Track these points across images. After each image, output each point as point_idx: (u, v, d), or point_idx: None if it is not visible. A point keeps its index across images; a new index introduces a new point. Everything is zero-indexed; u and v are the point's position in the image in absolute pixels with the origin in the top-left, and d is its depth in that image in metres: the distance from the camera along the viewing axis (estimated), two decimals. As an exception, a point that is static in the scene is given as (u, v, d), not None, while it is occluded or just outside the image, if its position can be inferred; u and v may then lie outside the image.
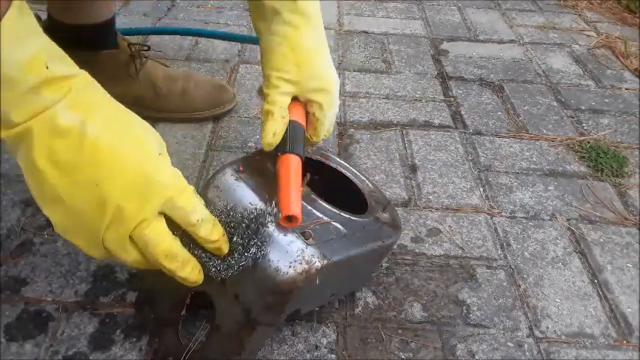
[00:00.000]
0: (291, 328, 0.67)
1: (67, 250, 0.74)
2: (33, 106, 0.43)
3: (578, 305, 0.74)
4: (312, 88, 0.62)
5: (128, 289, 0.70)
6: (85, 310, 0.67)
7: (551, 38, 1.49)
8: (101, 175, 0.45)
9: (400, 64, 1.29)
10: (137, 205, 0.46)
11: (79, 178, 0.45)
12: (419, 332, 0.68)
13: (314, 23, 0.64)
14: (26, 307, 0.66)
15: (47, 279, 0.70)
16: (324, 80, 0.63)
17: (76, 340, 0.63)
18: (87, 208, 0.45)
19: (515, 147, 1.04)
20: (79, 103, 0.45)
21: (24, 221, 0.78)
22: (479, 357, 0.66)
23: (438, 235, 0.82)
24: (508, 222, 0.86)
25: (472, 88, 1.22)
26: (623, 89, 1.27)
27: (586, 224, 0.87)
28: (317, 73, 0.63)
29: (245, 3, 1.53)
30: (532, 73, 1.30)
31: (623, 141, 1.08)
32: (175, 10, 1.47)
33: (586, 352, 0.67)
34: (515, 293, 0.74)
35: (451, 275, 0.76)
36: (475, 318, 0.70)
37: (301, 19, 0.62)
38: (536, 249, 0.82)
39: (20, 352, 0.61)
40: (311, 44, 0.63)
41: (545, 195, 0.92)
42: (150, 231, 0.47)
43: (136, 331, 0.65)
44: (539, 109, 1.16)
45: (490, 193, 0.92)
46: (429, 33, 1.47)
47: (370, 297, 0.72)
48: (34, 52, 0.43)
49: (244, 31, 1.39)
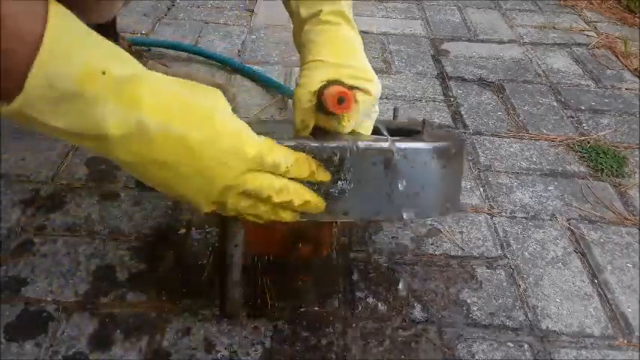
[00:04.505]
0: (291, 327, 0.67)
1: (67, 250, 0.74)
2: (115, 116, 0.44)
3: (578, 305, 0.74)
4: (351, 74, 0.59)
5: (128, 289, 0.70)
6: (85, 310, 0.67)
7: (551, 38, 1.49)
8: (199, 166, 0.48)
9: (400, 64, 1.29)
10: (233, 175, 0.50)
11: (181, 171, 0.48)
12: (419, 332, 0.68)
13: (352, 25, 0.64)
14: (26, 307, 0.66)
15: (47, 279, 0.70)
16: (366, 71, 0.61)
17: (76, 340, 0.63)
18: (193, 188, 0.50)
19: (515, 147, 1.04)
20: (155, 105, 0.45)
21: (24, 221, 0.78)
22: (479, 357, 0.66)
23: (438, 235, 0.82)
24: (508, 222, 0.86)
25: (472, 88, 1.22)
26: (623, 89, 1.27)
27: (586, 224, 0.87)
28: (357, 63, 0.61)
29: (245, 3, 1.53)
30: (532, 73, 1.30)
31: (623, 141, 1.08)
32: (175, 10, 1.47)
33: (586, 352, 0.67)
34: (515, 293, 0.74)
35: (451, 275, 0.76)
36: (475, 318, 0.70)
37: (341, 18, 0.63)
38: (536, 249, 0.82)
39: (20, 352, 0.61)
40: (350, 39, 0.63)
41: (545, 195, 0.92)
42: (253, 183, 0.51)
43: (136, 331, 0.65)
44: (539, 109, 1.16)
45: (490, 193, 0.92)
46: (429, 33, 1.47)
47: (370, 297, 0.72)
48: (86, 63, 0.42)
49: (244, 31, 1.39)
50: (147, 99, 0.45)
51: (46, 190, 0.84)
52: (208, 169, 0.48)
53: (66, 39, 0.42)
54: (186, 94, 0.48)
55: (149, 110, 0.45)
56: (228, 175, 0.49)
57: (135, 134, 0.45)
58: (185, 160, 0.47)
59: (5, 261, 0.72)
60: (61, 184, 0.85)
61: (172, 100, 0.47)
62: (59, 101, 0.42)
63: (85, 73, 0.42)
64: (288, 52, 1.29)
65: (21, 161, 0.88)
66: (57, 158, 0.90)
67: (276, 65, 1.24)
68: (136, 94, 0.44)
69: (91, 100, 0.42)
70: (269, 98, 1.12)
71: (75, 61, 0.42)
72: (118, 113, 0.44)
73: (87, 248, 0.75)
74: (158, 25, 1.38)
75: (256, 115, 1.05)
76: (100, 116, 0.43)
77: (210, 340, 0.64)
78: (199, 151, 0.47)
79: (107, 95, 0.43)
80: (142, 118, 0.44)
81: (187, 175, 0.48)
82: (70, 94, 0.42)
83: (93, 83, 0.42)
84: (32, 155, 0.89)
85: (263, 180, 0.51)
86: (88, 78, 0.42)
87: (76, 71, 0.42)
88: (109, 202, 0.83)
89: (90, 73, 0.42)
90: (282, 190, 0.52)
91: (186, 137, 0.46)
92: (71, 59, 0.42)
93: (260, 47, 1.32)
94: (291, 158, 0.52)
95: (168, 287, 0.70)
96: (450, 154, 0.60)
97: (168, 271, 0.72)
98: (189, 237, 0.77)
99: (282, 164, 0.51)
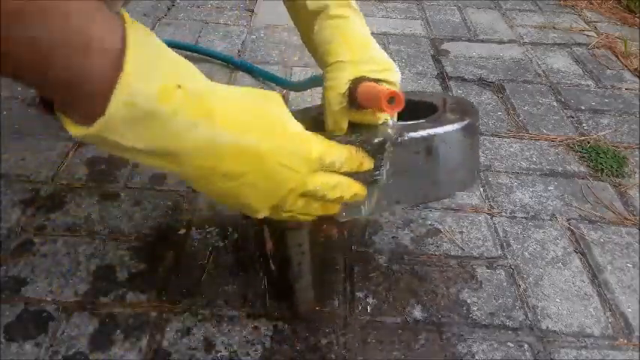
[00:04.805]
0: (291, 327, 0.67)
1: (67, 250, 0.74)
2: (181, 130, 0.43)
3: (578, 305, 0.74)
4: (374, 69, 0.61)
5: (128, 289, 0.70)
6: (85, 310, 0.67)
7: (551, 38, 1.49)
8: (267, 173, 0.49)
9: (400, 64, 1.29)
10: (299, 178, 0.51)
11: (246, 180, 0.48)
12: (419, 332, 0.68)
13: (359, 14, 0.65)
14: (26, 307, 0.66)
15: (47, 279, 0.70)
16: (385, 61, 0.62)
17: (76, 340, 0.63)
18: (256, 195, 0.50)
19: (515, 147, 1.04)
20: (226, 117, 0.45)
21: (24, 221, 0.78)
22: (479, 357, 0.66)
23: (437, 235, 0.82)
24: (508, 222, 0.86)
25: (472, 88, 1.22)
26: (623, 89, 1.27)
27: (586, 224, 0.87)
28: (374, 56, 0.62)
29: (245, 3, 1.53)
30: (532, 73, 1.30)
31: (623, 141, 1.08)
32: (175, 10, 1.47)
33: (586, 352, 0.67)
34: (515, 293, 0.74)
35: (451, 275, 0.76)
36: (475, 318, 0.70)
37: (349, 11, 0.64)
38: (536, 249, 0.82)
39: (20, 352, 0.61)
40: (363, 32, 0.64)
41: (545, 195, 0.92)
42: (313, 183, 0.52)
43: (136, 331, 0.65)
44: (539, 109, 1.16)
45: (490, 193, 0.92)
46: (429, 33, 1.47)
47: (370, 297, 0.72)
48: (162, 81, 0.41)
49: (244, 31, 1.39)
50: (219, 111, 0.45)
51: (46, 190, 0.84)
52: (276, 174, 0.49)
53: (145, 55, 0.41)
54: (253, 104, 0.48)
55: (221, 123, 0.45)
56: (295, 178, 0.50)
57: (207, 147, 0.45)
58: (253, 168, 0.48)
59: (5, 261, 0.72)
60: (61, 184, 0.85)
61: (242, 111, 0.47)
62: (139, 121, 0.41)
63: (163, 90, 0.41)
64: (288, 52, 1.30)
65: (21, 161, 0.88)
66: (57, 158, 0.90)
67: (276, 65, 1.24)
68: (209, 107, 0.44)
69: (168, 116, 0.41)
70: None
71: (154, 79, 0.41)
72: (192, 127, 0.43)
73: (87, 248, 0.75)
74: (158, 25, 1.38)
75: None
76: (176, 130, 0.42)
77: (210, 340, 0.64)
78: (269, 159, 0.48)
79: (183, 110, 0.42)
80: (215, 131, 0.44)
81: (253, 183, 0.49)
82: (149, 113, 0.41)
83: (170, 99, 0.41)
84: (32, 155, 0.89)
85: (322, 179, 0.53)
86: (165, 95, 0.41)
87: (155, 89, 0.40)
88: (109, 202, 0.83)
89: (167, 89, 0.41)
90: (336, 187, 0.54)
91: (258, 147, 0.47)
92: (150, 76, 0.40)
93: (260, 47, 1.32)
94: (345, 154, 0.54)
95: (169, 287, 0.70)
96: (475, 127, 0.64)
97: (168, 271, 0.73)
98: (189, 237, 0.77)
99: (337, 162, 0.54)
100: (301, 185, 0.51)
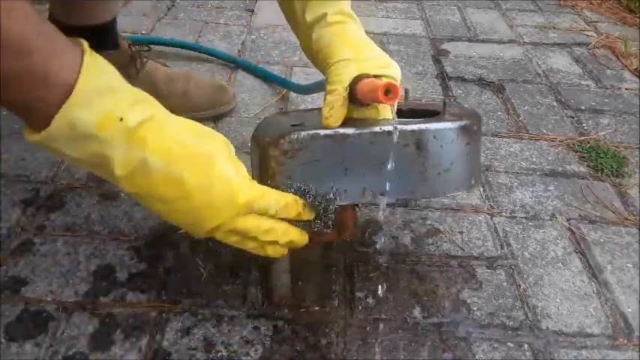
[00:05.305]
0: (291, 327, 0.67)
1: (67, 250, 0.74)
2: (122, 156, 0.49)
3: (578, 305, 0.74)
4: (374, 65, 0.62)
5: (128, 289, 0.70)
6: (85, 310, 0.67)
7: (551, 38, 1.49)
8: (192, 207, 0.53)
9: (400, 64, 1.28)
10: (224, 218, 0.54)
11: (176, 207, 0.53)
12: (419, 332, 0.68)
13: (356, 20, 0.67)
14: (26, 307, 0.66)
15: (47, 279, 0.70)
16: (384, 58, 0.64)
17: (76, 340, 0.63)
18: (187, 222, 0.55)
19: (515, 147, 1.04)
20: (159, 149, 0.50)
21: (24, 221, 0.78)
22: (479, 357, 0.66)
23: (437, 235, 0.82)
24: (508, 222, 0.86)
25: (472, 88, 1.22)
26: (623, 89, 1.27)
27: (586, 224, 0.87)
28: (374, 54, 0.64)
29: (245, 3, 1.53)
30: (532, 73, 1.30)
31: (623, 141, 1.08)
32: (175, 10, 1.47)
33: (586, 352, 0.67)
34: (515, 293, 0.74)
35: (451, 275, 0.76)
36: (475, 318, 0.70)
37: (346, 17, 0.66)
38: (536, 249, 0.82)
39: (20, 352, 0.61)
40: (360, 34, 0.66)
41: (545, 195, 0.92)
42: (243, 224, 0.55)
43: (136, 331, 0.65)
44: (539, 109, 1.16)
45: (490, 192, 0.92)
46: (429, 33, 1.47)
47: (370, 297, 0.72)
48: (106, 110, 0.47)
49: (244, 31, 1.39)
50: (152, 141, 0.49)
51: (46, 190, 0.84)
52: (200, 211, 0.53)
53: (93, 88, 0.47)
54: (189, 139, 0.52)
55: (152, 151, 0.49)
56: (218, 217, 0.54)
57: (139, 170, 0.50)
58: (181, 199, 0.52)
59: (5, 261, 0.72)
60: (61, 184, 0.85)
61: (175, 143, 0.51)
62: (78, 139, 0.48)
63: (104, 119, 0.47)
64: (288, 52, 1.30)
65: (21, 161, 0.88)
66: (57, 158, 0.90)
67: (276, 65, 1.24)
68: (143, 137, 0.49)
69: (105, 141, 0.48)
70: (269, 98, 1.12)
71: (97, 108, 0.47)
72: (125, 153, 0.49)
73: (87, 248, 0.75)
74: (158, 25, 1.38)
75: (256, 115, 1.05)
76: (110, 155, 0.49)
77: (210, 340, 0.64)
78: (193, 194, 0.52)
79: (119, 138, 0.48)
80: (146, 156, 0.49)
81: (182, 211, 0.53)
82: (87, 135, 0.47)
83: (109, 128, 0.48)
84: (32, 155, 0.89)
85: (251, 222, 0.55)
86: (105, 124, 0.47)
87: (95, 117, 0.47)
88: (109, 202, 0.83)
89: (108, 119, 0.47)
90: (269, 231, 0.57)
91: (183, 180, 0.51)
92: (93, 106, 0.47)
93: (260, 47, 1.32)
94: (282, 202, 0.57)
95: (168, 287, 0.70)
96: (473, 130, 0.64)
97: (168, 271, 0.73)
98: (189, 237, 0.77)
99: (271, 208, 0.56)
100: (228, 224, 0.54)
